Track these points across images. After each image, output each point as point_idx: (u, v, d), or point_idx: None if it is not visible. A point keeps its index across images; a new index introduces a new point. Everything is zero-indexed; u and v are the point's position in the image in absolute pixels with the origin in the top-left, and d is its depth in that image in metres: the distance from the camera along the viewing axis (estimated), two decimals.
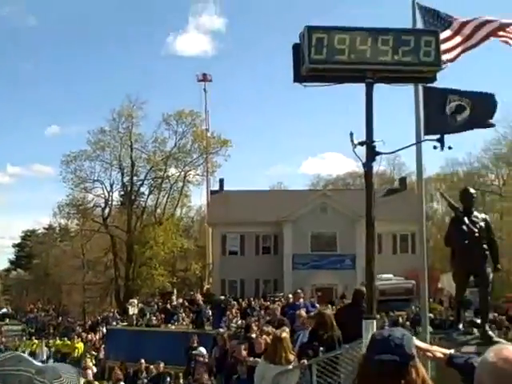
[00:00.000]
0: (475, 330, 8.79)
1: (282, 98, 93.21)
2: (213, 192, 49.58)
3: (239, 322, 21.80)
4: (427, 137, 7.65)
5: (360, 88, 6.37)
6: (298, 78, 6.32)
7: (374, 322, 6.28)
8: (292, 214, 40.71)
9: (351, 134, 6.13)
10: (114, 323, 31.29)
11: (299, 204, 40.80)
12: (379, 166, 67.14)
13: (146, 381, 11.91)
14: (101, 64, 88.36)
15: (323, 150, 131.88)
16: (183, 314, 27.67)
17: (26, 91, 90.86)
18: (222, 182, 49.38)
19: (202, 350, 15.32)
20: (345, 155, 73.59)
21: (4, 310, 61.17)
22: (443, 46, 8.54)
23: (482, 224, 8.82)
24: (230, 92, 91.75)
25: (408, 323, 25.49)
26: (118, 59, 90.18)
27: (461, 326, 9.05)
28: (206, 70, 55.56)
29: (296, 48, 6.29)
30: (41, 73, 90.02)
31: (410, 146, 7.24)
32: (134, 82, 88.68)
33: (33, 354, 39.24)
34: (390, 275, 32.68)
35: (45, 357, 30.36)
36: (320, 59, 6.09)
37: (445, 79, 8.31)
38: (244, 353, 11.31)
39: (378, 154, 6.30)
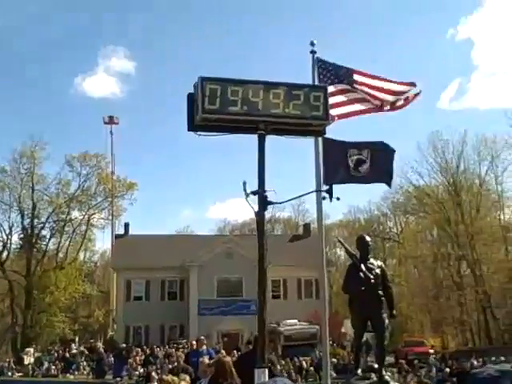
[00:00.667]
0: (373, 375, 8.98)
1: (190, 142, 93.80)
2: (118, 236, 48.66)
3: (141, 370, 21.31)
4: (324, 186, 7.92)
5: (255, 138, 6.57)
6: (192, 126, 6.44)
7: (266, 370, 6.30)
8: (198, 259, 40.53)
9: (244, 184, 6.28)
10: (10, 373, 29.67)
11: (205, 249, 40.72)
12: (282, 212, 69.05)
13: None
14: (5, 100, 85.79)
15: (230, 195, 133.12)
16: (84, 363, 26.73)
17: None
18: (127, 225, 48.58)
19: None
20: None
21: None
22: (334, 100, 9.00)
23: (378, 271, 9.09)
24: (137, 135, 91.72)
25: (312, 368, 25.84)
26: (24, 97, 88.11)
27: (359, 371, 9.21)
28: (114, 111, 55.50)
29: (191, 97, 6.43)
30: None
31: (301, 196, 7.44)
32: (38, 121, 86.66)
33: None
34: (295, 320, 33.03)
35: None
36: (213, 109, 6.25)
37: (343, 131, 8.73)
38: None
39: (270, 203, 6.45)
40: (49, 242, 50.49)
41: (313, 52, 9.42)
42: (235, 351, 23.50)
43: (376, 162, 8.63)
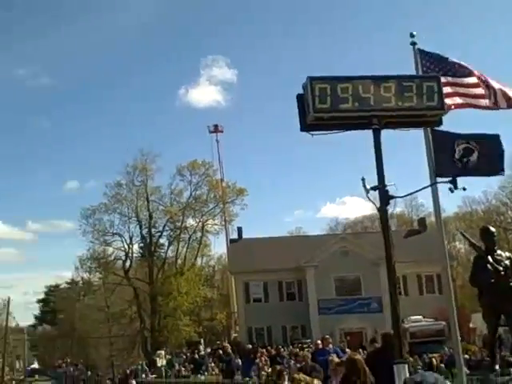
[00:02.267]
0: None
1: (296, 145, 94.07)
2: (232, 240, 49.65)
3: (269, 370, 21.54)
4: (439, 179, 7.72)
5: (369, 133, 6.54)
6: (305, 127, 6.51)
7: (406, 366, 6.25)
8: (313, 259, 40.55)
9: (363, 180, 6.27)
10: (144, 375, 31.07)
11: (320, 249, 40.68)
12: (395, 207, 67.41)
13: None
14: (115, 118, 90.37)
15: (341, 194, 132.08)
16: (212, 364, 27.44)
17: (43, 148, 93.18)
18: (240, 230, 49.45)
19: None
20: (362, 198, 73.56)
21: (33, 366, 61.37)
22: (445, 90, 8.73)
23: (507, 262, 8.75)
24: (243, 141, 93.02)
25: (442, 365, 24.99)
26: (131, 113, 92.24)
27: (497, 366, 8.86)
28: (219, 120, 56.73)
29: (300, 98, 6.50)
30: (56, 130, 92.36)
31: (423, 188, 7.31)
32: (147, 134, 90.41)
33: None
34: (420, 317, 32.28)
35: None
36: (324, 108, 6.29)
37: (453, 123, 8.45)
38: None
39: (392, 197, 6.41)
40: (167, 249, 52.55)
41: (413, 43, 9.24)
42: (360, 350, 23.32)
43: (485, 151, 8.27)
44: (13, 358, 53.30)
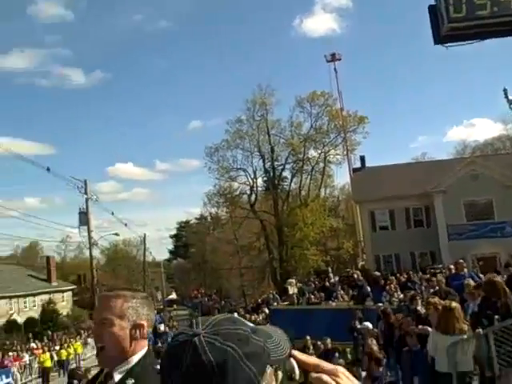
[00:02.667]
0: None
1: (417, 68, 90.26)
2: (355, 170, 49.18)
3: (400, 296, 21.55)
4: None
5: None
6: (439, 39, 6.24)
7: None
8: (441, 185, 39.33)
9: (505, 91, 5.97)
10: (275, 304, 32.16)
11: (447, 173, 39.31)
12: None
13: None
14: (232, 55, 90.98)
15: (469, 116, 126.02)
16: (341, 292, 27.84)
17: (167, 90, 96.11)
18: (363, 159, 48.80)
19: (368, 324, 15.40)
20: (492, 120, 69.86)
21: (171, 297, 65.51)
22: None
23: None
24: (361, 68, 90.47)
25: None
26: (247, 49, 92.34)
27: None
28: (335, 48, 55.28)
29: (431, 9, 6.20)
30: (177, 71, 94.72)
31: None
32: (265, 68, 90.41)
33: None
34: None
35: None
36: (459, 17, 5.98)
37: None
38: (412, 325, 11.33)
39: None
40: (291, 181, 53.32)
41: None
42: (495, 274, 22.67)
43: None
44: (152, 290, 56.97)
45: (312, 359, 1.30)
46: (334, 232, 53.65)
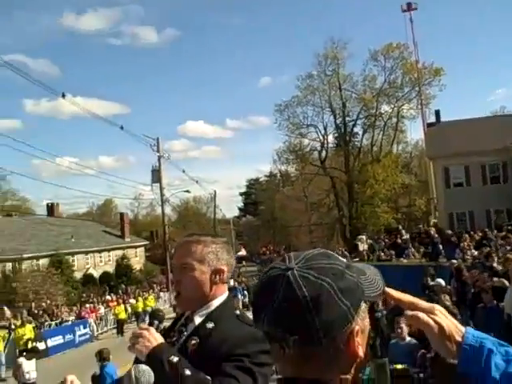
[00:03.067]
0: None
1: (493, 18, 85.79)
2: (429, 124, 47.61)
3: (474, 253, 20.89)
4: None
5: None
6: None
7: None
8: None
9: None
10: (345, 260, 31.98)
11: None
12: None
13: (384, 312, 12.09)
14: (303, 8, 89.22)
15: None
16: (412, 249, 27.30)
17: (237, 46, 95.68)
18: (438, 113, 47.10)
19: (441, 281, 14.92)
20: None
21: (240, 253, 66.47)
22: None
23: None
24: (438, 18, 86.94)
25: None
26: (319, 1, 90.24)
27: None
28: None
29: None
30: (248, 28, 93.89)
31: None
32: (337, 20, 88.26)
33: None
34: None
35: None
36: None
37: None
38: (488, 281, 10.90)
39: None
40: (362, 137, 52.47)
41: None
42: None
43: None
44: None
45: (407, 297, 1.28)
46: (406, 189, 52.58)
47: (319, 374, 1.15)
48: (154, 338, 2.15)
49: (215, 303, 2.38)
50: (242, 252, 69.42)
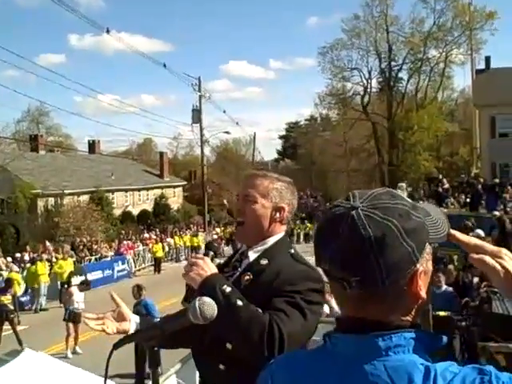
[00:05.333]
0: None
1: None
2: (478, 71, 46.03)
3: None
4: None
5: None
6: None
7: None
8: None
9: None
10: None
11: None
12: None
13: None
14: None
15: None
16: (452, 199, 26.90)
17: None
18: (488, 59, 45.45)
19: (480, 232, 14.67)
20: None
21: None
22: None
23: None
24: None
25: None
26: None
27: None
28: None
29: None
30: None
31: None
32: None
33: (307, 235, 42.39)
34: None
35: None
36: None
37: None
38: None
39: None
40: (407, 83, 51.47)
41: None
42: None
43: None
44: None
45: (473, 240, 1.25)
46: (449, 137, 51.55)
47: (381, 316, 1.14)
48: (209, 268, 2.18)
49: (271, 240, 2.40)
50: None
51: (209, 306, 1.65)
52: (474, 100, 44.58)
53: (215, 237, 37.61)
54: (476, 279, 10.12)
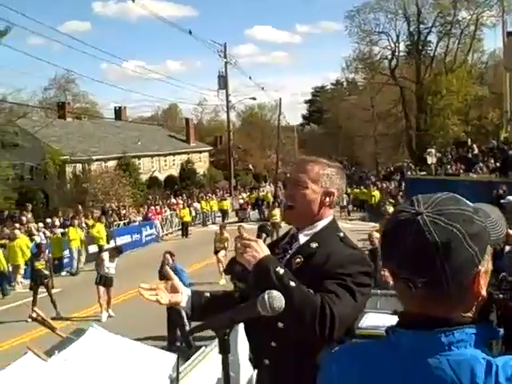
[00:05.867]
0: None
1: None
2: (509, 33, 44.85)
3: None
4: None
5: None
6: None
7: None
8: None
9: None
10: (409, 173, 31.47)
11: None
12: None
13: None
14: None
15: None
16: (480, 164, 26.55)
17: None
18: None
19: (511, 198, 14.48)
20: None
21: None
22: None
23: None
24: None
25: None
26: None
27: None
28: None
29: None
30: None
31: None
32: None
33: None
34: None
35: (344, 203, 32.06)
36: None
37: None
38: None
39: None
40: (436, 46, 50.27)
41: None
42: None
43: None
44: (284, 154, 57.82)
45: None
46: (479, 101, 50.56)
47: (444, 313, 1.20)
48: (262, 250, 2.23)
49: (321, 224, 2.47)
50: None
51: (277, 298, 1.72)
52: (505, 63, 43.47)
53: (241, 201, 37.80)
54: (508, 247, 10.03)
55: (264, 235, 2.44)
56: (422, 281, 1.18)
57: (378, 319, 4.55)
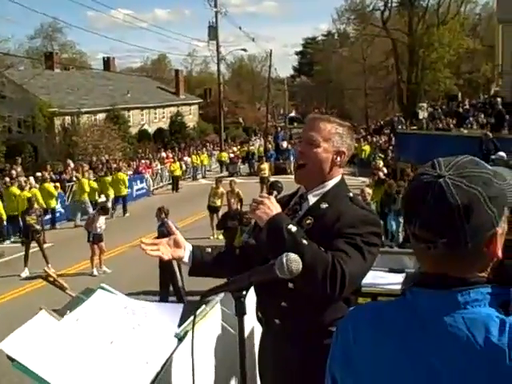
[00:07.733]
0: None
1: None
2: None
3: None
4: None
5: None
6: None
7: None
8: None
9: None
10: (400, 127, 31.36)
11: None
12: None
13: None
14: None
15: None
16: (471, 119, 26.48)
17: None
18: None
19: (502, 154, 14.52)
20: None
21: (292, 114, 66.18)
22: None
23: None
24: None
25: None
26: None
27: None
28: None
29: None
30: None
31: None
32: None
33: None
34: None
35: None
36: None
37: None
38: None
39: None
40: None
41: None
42: None
43: None
44: (274, 107, 57.49)
45: None
46: (471, 54, 50.17)
47: (460, 273, 1.24)
48: (274, 207, 2.26)
49: (330, 184, 2.48)
50: (294, 113, 68.94)
51: (295, 261, 1.73)
52: (498, 14, 42.92)
53: (232, 155, 37.63)
54: None
55: (275, 192, 2.43)
56: (443, 241, 1.21)
57: (374, 277, 4.61)
